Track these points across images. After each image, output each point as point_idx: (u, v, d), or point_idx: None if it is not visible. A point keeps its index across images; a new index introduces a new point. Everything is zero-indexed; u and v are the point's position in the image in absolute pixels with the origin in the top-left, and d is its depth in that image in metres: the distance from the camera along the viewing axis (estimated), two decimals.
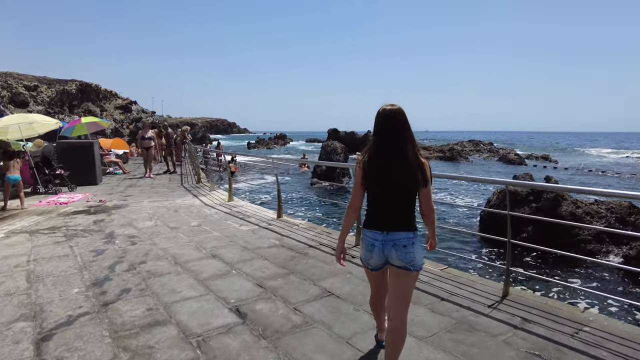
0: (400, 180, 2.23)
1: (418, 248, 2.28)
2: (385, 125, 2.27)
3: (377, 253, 2.28)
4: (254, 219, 7.06)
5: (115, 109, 29.12)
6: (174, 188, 10.99)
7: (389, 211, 2.28)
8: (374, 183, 2.29)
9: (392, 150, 2.24)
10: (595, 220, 8.92)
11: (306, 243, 5.53)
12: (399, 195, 2.26)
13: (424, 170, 2.24)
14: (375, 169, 2.27)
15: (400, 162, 2.22)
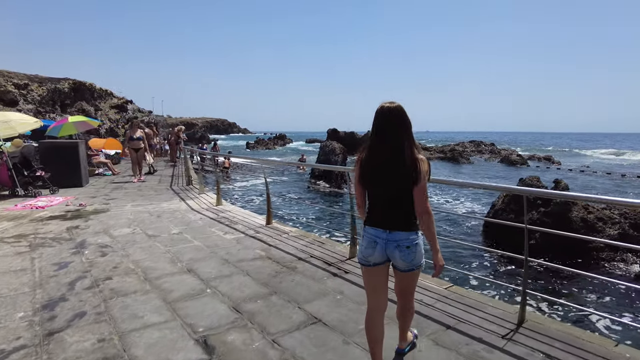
0: (395, 177, 2.21)
1: (420, 248, 2.29)
2: (382, 122, 2.25)
3: (380, 250, 2.28)
4: (241, 226, 6.51)
5: (110, 109, 28.62)
6: (162, 191, 10.45)
7: (389, 210, 2.28)
8: (370, 181, 2.30)
9: (388, 148, 2.22)
10: (609, 226, 8.37)
11: (295, 255, 4.98)
12: (397, 193, 2.24)
13: (418, 166, 2.18)
14: (371, 167, 2.27)
15: (396, 160, 2.20)
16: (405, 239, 2.24)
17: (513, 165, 33.28)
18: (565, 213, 8.33)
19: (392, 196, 2.26)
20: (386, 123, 2.24)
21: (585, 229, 8.24)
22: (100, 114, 26.63)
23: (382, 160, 2.24)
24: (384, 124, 2.25)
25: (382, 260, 2.31)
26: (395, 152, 2.20)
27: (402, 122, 2.24)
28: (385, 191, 2.27)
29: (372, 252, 2.30)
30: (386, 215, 2.29)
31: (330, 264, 4.62)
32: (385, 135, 2.24)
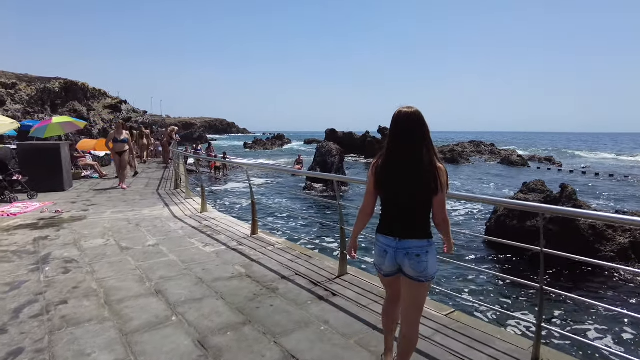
0: (412, 185, 2.14)
1: (432, 257, 2.20)
2: (400, 128, 2.19)
3: (390, 259, 2.23)
4: (224, 237, 6.01)
5: (104, 109, 28.04)
6: (147, 195, 9.93)
7: (401, 218, 2.22)
8: (386, 188, 2.25)
9: (405, 155, 2.16)
10: (619, 234, 7.86)
11: (278, 272, 4.48)
12: (411, 202, 2.18)
13: (437, 175, 2.11)
14: (387, 174, 2.22)
15: (413, 167, 2.13)
16: (415, 246, 2.17)
17: (513, 166, 32.80)
18: (573, 220, 7.83)
19: (406, 204, 2.20)
20: (403, 129, 2.17)
21: (594, 237, 7.74)
22: (93, 114, 26.09)
23: (398, 167, 2.17)
24: (401, 130, 2.18)
25: (394, 270, 2.26)
26: (413, 159, 2.13)
27: (420, 128, 2.16)
28: (400, 199, 2.20)
29: (383, 262, 2.27)
30: (397, 223, 2.22)
31: (316, 284, 4.12)
32: (403, 142, 2.17)
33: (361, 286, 4.05)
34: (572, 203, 7.90)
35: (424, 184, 2.12)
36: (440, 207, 2.18)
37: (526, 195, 8.91)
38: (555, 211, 2.42)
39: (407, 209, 2.20)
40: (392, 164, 2.20)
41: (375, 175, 2.28)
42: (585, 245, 7.67)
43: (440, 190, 2.13)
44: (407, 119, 2.17)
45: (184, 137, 65.61)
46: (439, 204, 2.17)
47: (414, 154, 2.14)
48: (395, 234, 2.22)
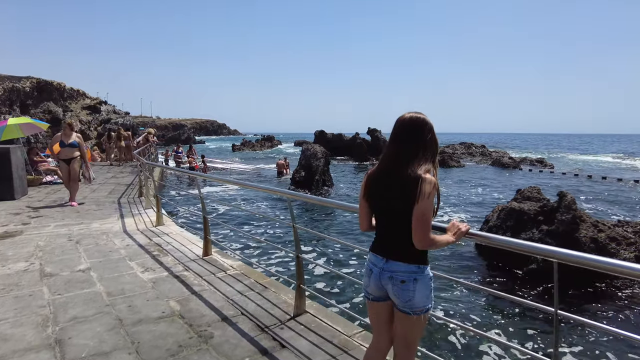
0: (393, 195, 1.90)
1: (421, 287, 1.90)
2: (395, 133, 1.99)
3: (374, 280, 2.00)
4: (170, 258, 5.13)
5: (82, 110, 26.92)
6: (105, 204, 8.99)
7: (390, 235, 1.98)
8: (372, 200, 2.05)
9: (392, 162, 1.94)
10: (623, 247, 7.11)
11: (220, 310, 3.61)
12: (396, 216, 1.91)
13: (419, 184, 1.80)
14: (373, 183, 2.02)
15: (398, 175, 1.89)
16: (402, 271, 1.91)
17: (505, 169, 32.21)
18: (573, 232, 7.07)
19: (392, 217, 1.95)
20: (398, 133, 1.98)
21: (596, 251, 6.97)
22: (70, 115, 24.99)
23: (385, 176, 1.96)
24: (395, 135, 1.99)
25: (381, 295, 2.02)
26: (398, 164, 1.91)
27: (416, 135, 1.94)
28: (384, 210, 1.99)
29: (368, 282, 2.06)
30: (386, 240, 2.01)
31: (264, 329, 3.26)
32: (394, 147, 1.98)
33: (321, 332, 3.19)
34: (571, 213, 7.13)
35: (402, 194, 1.84)
36: (418, 221, 1.79)
37: (520, 204, 8.13)
38: (572, 259, 1.61)
39: (395, 225, 1.94)
40: (379, 170, 2.00)
41: (365, 182, 2.07)
42: None
43: (419, 200, 1.78)
44: (404, 124, 1.96)
45: (171, 138, 64.44)
46: (417, 216, 1.80)
47: (401, 160, 1.91)
48: (383, 253, 1.99)
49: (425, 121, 1.96)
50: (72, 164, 8.60)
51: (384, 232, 2.03)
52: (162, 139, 68.17)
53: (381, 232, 2.04)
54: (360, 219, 2.14)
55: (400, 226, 1.90)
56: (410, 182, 1.83)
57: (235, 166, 28.15)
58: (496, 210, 8.67)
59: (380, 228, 2.05)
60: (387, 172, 1.94)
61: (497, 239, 1.92)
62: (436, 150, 1.97)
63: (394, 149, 1.95)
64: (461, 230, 1.98)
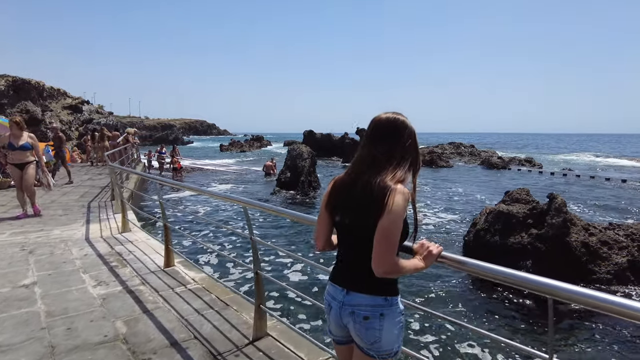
0: (359, 209, 1.53)
1: (389, 324, 1.54)
2: (369, 136, 1.66)
3: (334, 318, 1.63)
4: (129, 270, 4.68)
5: (62, 109, 26.16)
6: (73, 208, 8.48)
7: (351, 257, 1.62)
8: (334, 209, 1.66)
9: (364, 168, 1.59)
10: (615, 252, 6.81)
11: (171, 333, 3.18)
12: (361, 234, 1.52)
13: (387, 195, 1.45)
14: (340, 190, 1.65)
15: (365, 184, 1.54)
16: (365, 304, 1.54)
17: (494, 169, 32.09)
18: (563, 236, 6.75)
19: (355, 236, 1.56)
20: (372, 136, 1.64)
21: (588, 256, 6.67)
22: (50, 115, 24.26)
23: (350, 180, 1.61)
24: (368, 137, 1.65)
25: (344, 335, 1.65)
26: (368, 172, 1.55)
27: (393, 139, 1.60)
28: (347, 227, 1.60)
29: (329, 321, 1.69)
30: (347, 266, 1.63)
31: (217, 356, 2.85)
32: (366, 151, 1.62)
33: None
34: (562, 216, 6.82)
35: (368, 208, 1.50)
36: (379, 241, 1.44)
37: (509, 206, 7.80)
38: (573, 297, 1.21)
39: (358, 247, 1.57)
40: (347, 180, 1.65)
41: (328, 193, 1.71)
42: (578, 266, 6.60)
43: (383, 214, 1.44)
44: (376, 126, 1.65)
45: (159, 139, 63.54)
46: (378, 235, 1.44)
47: (371, 168, 1.57)
48: (344, 283, 1.63)
49: (405, 124, 1.64)
50: (25, 170, 7.20)
51: (345, 254, 1.67)
52: (149, 140, 67.35)
53: (342, 255, 1.69)
54: (316, 234, 1.75)
55: (364, 248, 1.52)
56: (377, 193, 1.49)
57: (217, 167, 27.57)
58: (484, 212, 8.33)
59: (342, 249, 1.70)
60: (354, 181, 1.60)
61: (476, 265, 1.51)
62: (417, 159, 1.65)
63: (366, 154, 1.62)
64: (432, 252, 1.58)
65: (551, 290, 1.28)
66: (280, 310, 6.33)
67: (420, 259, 1.57)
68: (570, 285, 1.23)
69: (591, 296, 1.17)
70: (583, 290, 1.19)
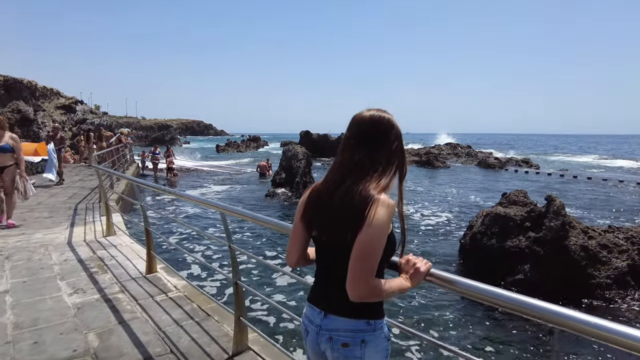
0: (337, 222, 1.33)
1: (372, 351, 1.35)
2: (350, 137, 1.43)
3: (311, 343, 1.43)
4: (109, 276, 4.46)
5: (55, 109, 25.84)
6: (60, 210, 8.25)
7: (330, 276, 1.42)
8: (310, 220, 1.44)
9: (343, 175, 1.38)
10: (614, 255, 6.64)
11: (146, 347, 2.97)
12: (340, 250, 1.31)
13: (369, 207, 1.25)
14: (316, 200, 1.43)
15: (345, 193, 1.33)
16: (344, 329, 1.34)
17: (491, 169, 31.95)
18: (562, 240, 6.57)
19: (332, 252, 1.36)
20: (351, 137, 1.42)
21: (587, 260, 6.49)
22: (42, 115, 23.96)
23: (326, 190, 1.40)
24: (349, 139, 1.43)
25: None
26: (348, 179, 1.35)
27: (377, 141, 1.38)
28: (324, 242, 1.40)
29: (305, 347, 1.49)
30: (325, 285, 1.44)
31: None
32: (347, 155, 1.40)
33: None
34: (560, 219, 6.65)
35: (347, 221, 1.29)
36: (356, 260, 1.24)
37: (506, 209, 7.62)
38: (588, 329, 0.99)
39: (336, 265, 1.35)
40: (325, 188, 1.43)
41: (303, 201, 1.49)
42: (576, 271, 6.42)
43: (362, 228, 1.24)
44: (359, 125, 1.42)
45: (155, 139, 63.14)
46: (356, 252, 1.24)
47: (351, 175, 1.36)
48: (321, 304, 1.43)
49: (392, 123, 1.42)
50: (4, 175, 6.53)
51: (323, 272, 1.47)
52: (145, 140, 66.94)
53: (320, 273, 1.49)
54: (289, 248, 1.53)
55: (344, 265, 1.31)
56: (358, 204, 1.28)
57: (213, 167, 27.32)
58: (480, 215, 8.15)
59: (320, 266, 1.49)
60: (333, 189, 1.39)
61: (470, 286, 1.28)
62: (403, 164, 1.43)
63: (347, 158, 1.40)
64: (419, 270, 1.37)
65: (560, 320, 1.07)
66: (263, 322, 5.88)
67: (406, 278, 1.36)
68: (583, 315, 1.03)
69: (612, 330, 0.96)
70: (600, 323, 0.98)
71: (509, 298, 1.19)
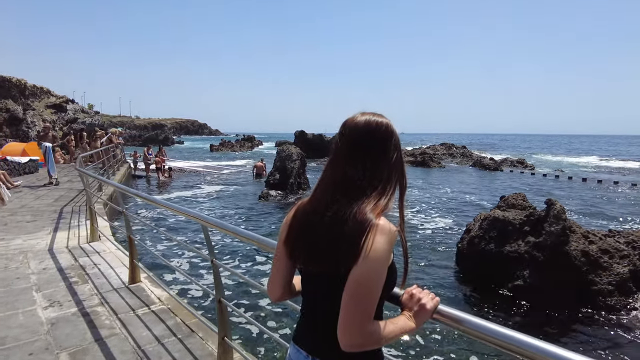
0: (327, 250, 1.09)
1: None
2: (341, 147, 1.18)
3: None
4: (89, 287, 4.21)
5: (46, 108, 25.41)
6: (44, 213, 7.95)
7: (317, 312, 1.20)
8: (295, 248, 1.20)
9: (333, 193, 1.14)
10: (616, 260, 6.46)
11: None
12: (330, 283, 1.10)
13: (366, 234, 1.02)
14: (301, 223, 1.20)
15: (335, 216, 1.10)
16: None
17: (486, 170, 31.88)
18: (562, 245, 6.39)
19: (323, 287, 1.14)
20: (343, 147, 1.17)
21: (588, 266, 6.32)
22: (32, 114, 23.54)
23: (313, 211, 1.17)
24: (341, 148, 1.18)
25: None
26: (339, 199, 1.11)
27: (374, 151, 1.15)
28: (311, 273, 1.18)
29: None
30: (312, 323, 1.21)
31: None
32: (339, 169, 1.16)
33: None
34: (561, 224, 6.46)
35: (339, 249, 1.05)
36: (350, 301, 1.02)
37: (505, 212, 7.44)
38: None
39: (326, 299, 1.13)
40: (311, 209, 1.18)
41: (287, 224, 1.24)
42: (578, 276, 6.24)
43: (357, 260, 1.00)
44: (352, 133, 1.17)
45: (148, 139, 62.55)
46: (349, 292, 1.02)
47: (343, 193, 1.12)
48: (307, 345, 1.20)
49: (391, 130, 1.19)
50: None
51: (310, 308, 1.24)
52: (138, 139, 66.30)
53: (307, 308, 1.25)
54: (270, 279, 1.30)
55: (333, 302, 1.09)
56: (352, 230, 1.05)
57: (207, 168, 26.99)
58: (478, 218, 7.95)
59: (306, 300, 1.26)
60: (321, 211, 1.15)
61: (485, 329, 1.06)
62: (403, 178, 1.21)
63: (339, 173, 1.16)
64: (425, 307, 1.14)
65: None
66: (251, 341, 5.27)
67: (410, 316, 1.13)
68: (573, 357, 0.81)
69: None
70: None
71: (535, 347, 0.97)
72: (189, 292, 6.60)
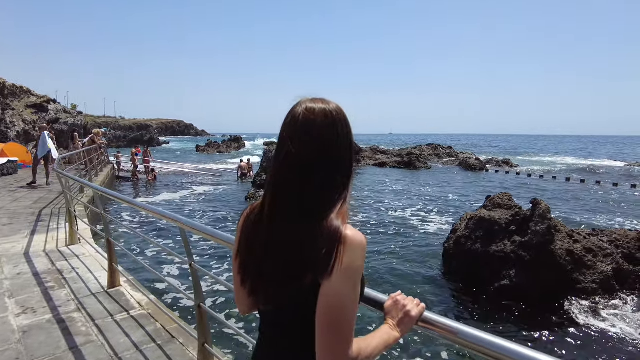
0: (281, 267, 0.93)
1: None
2: (285, 141, 0.97)
3: None
4: (65, 292, 4.06)
5: (26, 108, 24.80)
6: (21, 216, 7.71)
7: (274, 330, 1.03)
8: (245, 262, 1.03)
9: (281, 199, 0.96)
10: (600, 259, 6.52)
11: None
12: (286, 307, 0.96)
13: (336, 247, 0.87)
14: (249, 234, 1.03)
15: (287, 227, 0.94)
16: None
17: (471, 170, 32.15)
18: (547, 244, 6.41)
19: (279, 312, 0.98)
20: (294, 142, 0.95)
21: (573, 265, 6.36)
22: (11, 115, 22.96)
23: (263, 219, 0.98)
24: (285, 144, 0.96)
25: None
26: (290, 204, 0.94)
27: (328, 144, 0.95)
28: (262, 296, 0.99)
29: None
30: (270, 342, 1.04)
31: None
32: (284, 168, 0.96)
33: None
34: (546, 223, 6.49)
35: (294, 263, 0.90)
36: (328, 327, 0.87)
37: (491, 212, 7.46)
38: None
39: (282, 320, 0.99)
40: (255, 219, 1.01)
41: (238, 233, 1.07)
42: (562, 275, 6.27)
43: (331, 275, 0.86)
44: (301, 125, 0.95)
45: (133, 139, 61.68)
46: (324, 317, 0.87)
47: (293, 198, 0.93)
48: None
49: (342, 116, 1.00)
50: None
51: (267, 326, 1.07)
52: (123, 140, 65.35)
53: (264, 327, 1.08)
54: (235, 292, 1.10)
55: (294, 318, 0.97)
56: (314, 241, 0.89)
57: (193, 169, 26.68)
58: (464, 218, 7.96)
59: (264, 330, 1.08)
60: (276, 218, 0.97)
61: (478, 339, 0.99)
62: (350, 170, 1.00)
63: (294, 173, 0.95)
64: (410, 314, 1.06)
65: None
66: (231, 347, 5.03)
67: (393, 325, 1.04)
68: None
69: None
70: None
71: (527, 357, 0.91)
72: (171, 296, 6.38)
